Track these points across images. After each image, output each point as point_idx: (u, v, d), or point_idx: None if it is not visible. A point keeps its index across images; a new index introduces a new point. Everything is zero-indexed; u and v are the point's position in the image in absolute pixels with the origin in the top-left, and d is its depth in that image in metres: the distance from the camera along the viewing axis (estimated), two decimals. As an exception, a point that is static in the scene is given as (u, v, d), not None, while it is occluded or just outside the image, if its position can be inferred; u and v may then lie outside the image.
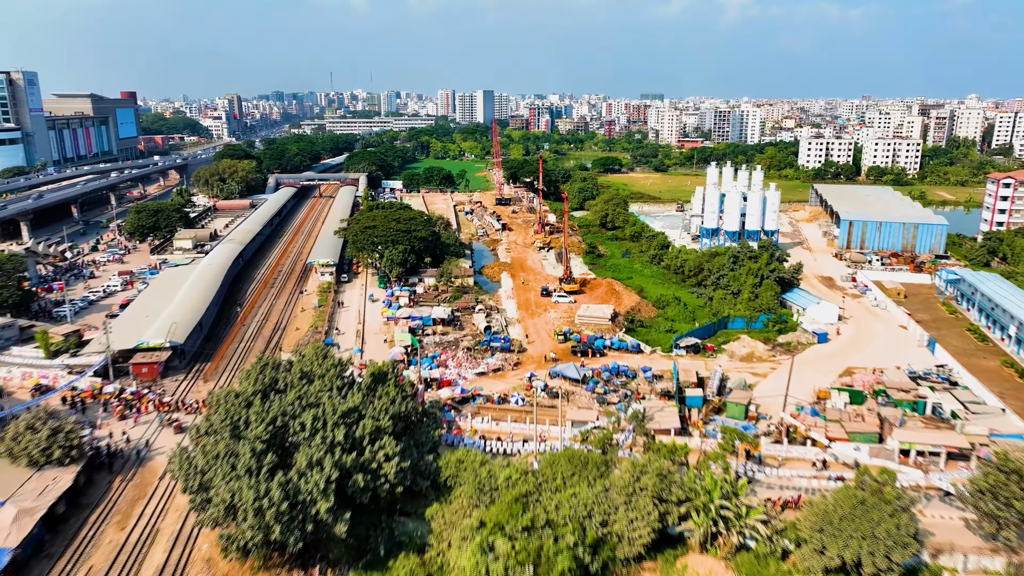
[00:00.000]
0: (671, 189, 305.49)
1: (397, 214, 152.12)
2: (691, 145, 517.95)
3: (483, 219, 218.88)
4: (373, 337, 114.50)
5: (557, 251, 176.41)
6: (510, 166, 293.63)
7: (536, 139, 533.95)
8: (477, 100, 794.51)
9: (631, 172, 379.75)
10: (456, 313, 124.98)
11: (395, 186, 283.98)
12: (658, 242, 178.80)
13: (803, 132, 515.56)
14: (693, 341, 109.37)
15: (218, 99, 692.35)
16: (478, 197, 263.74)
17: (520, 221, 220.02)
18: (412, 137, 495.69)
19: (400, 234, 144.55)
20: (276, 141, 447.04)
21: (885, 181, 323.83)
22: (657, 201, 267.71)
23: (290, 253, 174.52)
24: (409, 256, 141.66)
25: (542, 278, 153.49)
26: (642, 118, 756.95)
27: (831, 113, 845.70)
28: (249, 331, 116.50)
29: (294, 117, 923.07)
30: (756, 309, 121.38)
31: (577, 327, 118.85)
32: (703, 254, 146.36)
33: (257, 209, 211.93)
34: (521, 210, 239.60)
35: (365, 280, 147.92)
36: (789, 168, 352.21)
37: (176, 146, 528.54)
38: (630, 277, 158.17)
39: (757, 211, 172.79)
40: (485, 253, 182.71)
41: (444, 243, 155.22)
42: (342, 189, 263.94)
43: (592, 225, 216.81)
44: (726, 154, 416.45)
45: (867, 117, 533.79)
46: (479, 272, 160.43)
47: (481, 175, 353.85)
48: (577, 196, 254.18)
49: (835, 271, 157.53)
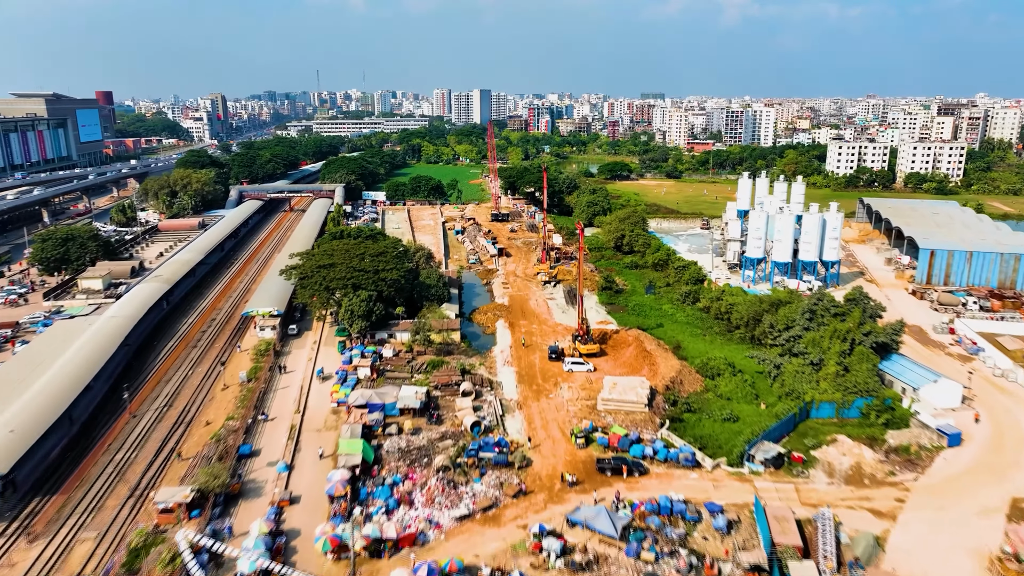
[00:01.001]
0: (689, 200, 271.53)
1: (363, 247, 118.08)
2: (702, 148, 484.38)
3: (476, 241, 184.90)
4: (313, 440, 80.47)
5: (567, 287, 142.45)
6: (508, 174, 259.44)
7: (536, 141, 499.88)
8: (474, 100, 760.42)
9: (641, 179, 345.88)
10: (435, 393, 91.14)
11: (377, 198, 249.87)
12: (691, 275, 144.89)
13: (821, 133, 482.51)
14: (774, 451, 75.50)
15: (200, 99, 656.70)
16: (471, 212, 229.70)
17: (520, 243, 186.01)
18: (403, 140, 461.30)
19: (365, 276, 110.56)
20: (254, 145, 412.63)
21: (927, 190, 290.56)
22: (677, 215, 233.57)
23: (234, 291, 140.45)
24: (375, 306, 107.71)
25: (549, 329, 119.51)
26: (646, 118, 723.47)
27: (841, 113, 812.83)
28: (137, 429, 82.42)
29: (285, 118, 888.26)
30: (848, 389, 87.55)
31: (601, 419, 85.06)
32: (760, 301, 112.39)
33: (206, 231, 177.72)
34: (521, 228, 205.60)
35: (320, 333, 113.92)
36: (816, 175, 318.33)
37: (150, 150, 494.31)
38: (660, 324, 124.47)
39: (814, 237, 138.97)
40: (477, 288, 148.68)
41: (423, 284, 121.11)
42: (315, 202, 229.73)
43: (605, 248, 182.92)
44: (743, 158, 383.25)
45: (890, 117, 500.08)
46: (469, 318, 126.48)
47: (476, 183, 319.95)
48: (586, 211, 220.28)
49: (921, 317, 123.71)
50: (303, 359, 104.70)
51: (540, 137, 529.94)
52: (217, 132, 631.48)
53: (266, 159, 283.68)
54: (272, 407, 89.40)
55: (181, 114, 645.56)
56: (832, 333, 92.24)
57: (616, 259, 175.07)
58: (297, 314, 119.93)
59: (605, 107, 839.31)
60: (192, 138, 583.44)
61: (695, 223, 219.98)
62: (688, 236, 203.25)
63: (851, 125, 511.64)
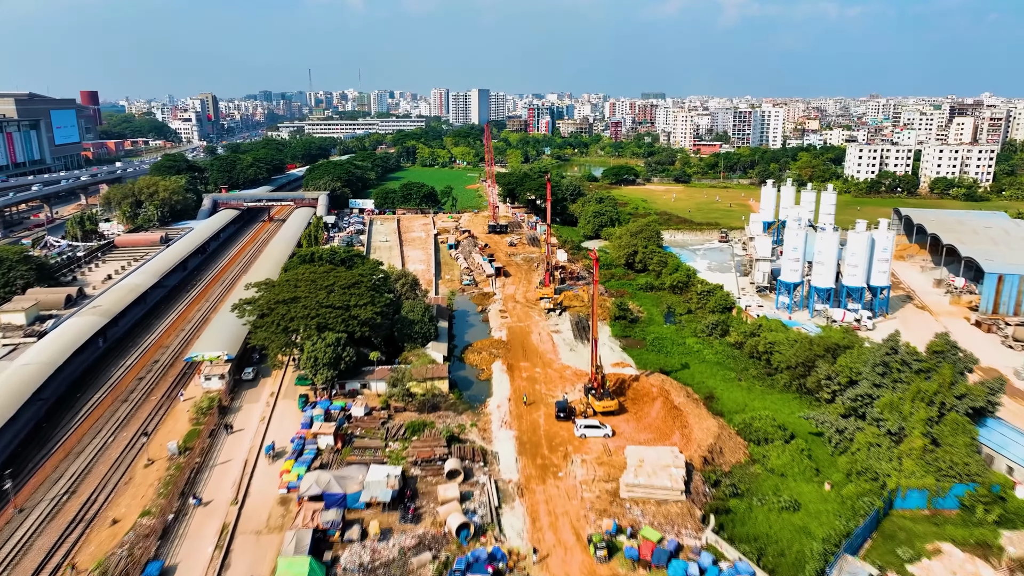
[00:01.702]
0: (701, 208, 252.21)
1: (334, 276, 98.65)
2: (708, 149, 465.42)
3: (471, 258, 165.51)
4: (249, 548, 61.23)
5: (575, 317, 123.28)
6: (507, 181, 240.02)
7: (536, 143, 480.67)
8: (472, 100, 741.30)
9: (648, 183, 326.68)
10: (413, 472, 71.95)
11: (365, 206, 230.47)
12: (717, 302, 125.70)
13: (833, 134, 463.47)
14: (863, 573, 56.27)
15: (189, 99, 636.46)
16: (467, 222, 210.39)
17: (520, 260, 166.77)
18: (397, 142, 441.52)
19: (333, 313, 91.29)
20: (240, 147, 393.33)
21: (955, 196, 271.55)
22: (691, 226, 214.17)
23: (189, 322, 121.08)
24: (345, 351, 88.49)
25: (555, 373, 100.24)
26: (649, 119, 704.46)
27: (848, 112, 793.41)
28: (21, 531, 63.11)
29: (280, 118, 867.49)
30: (943, 472, 68.32)
31: (626, 512, 65.86)
32: (810, 344, 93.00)
33: (168, 246, 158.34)
34: (521, 241, 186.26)
35: (280, 381, 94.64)
36: (835, 180, 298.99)
37: (135, 152, 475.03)
38: (685, 365, 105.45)
39: (862, 259, 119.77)
40: (471, 317, 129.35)
41: (405, 320, 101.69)
42: (296, 212, 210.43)
43: (615, 265, 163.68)
44: (754, 161, 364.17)
45: (905, 117, 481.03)
46: (460, 358, 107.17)
47: (473, 188, 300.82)
48: (592, 221, 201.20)
49: (994, 356, 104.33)
50: (255, 416, 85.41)
51: (540, 138, 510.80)
52: (207, 133, 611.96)
53: (247, 163, 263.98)
54: (207, 487, 70.33)
55: (170, 115, 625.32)
56: (915, 395, 72.94)
57: (628, 279, 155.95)
58: (255, 355, 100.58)
59: (606, 107, 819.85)
60: (180, 140, 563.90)
61: (712, 235, 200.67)
62: (706, 251, 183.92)
63: (863, 126, 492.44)
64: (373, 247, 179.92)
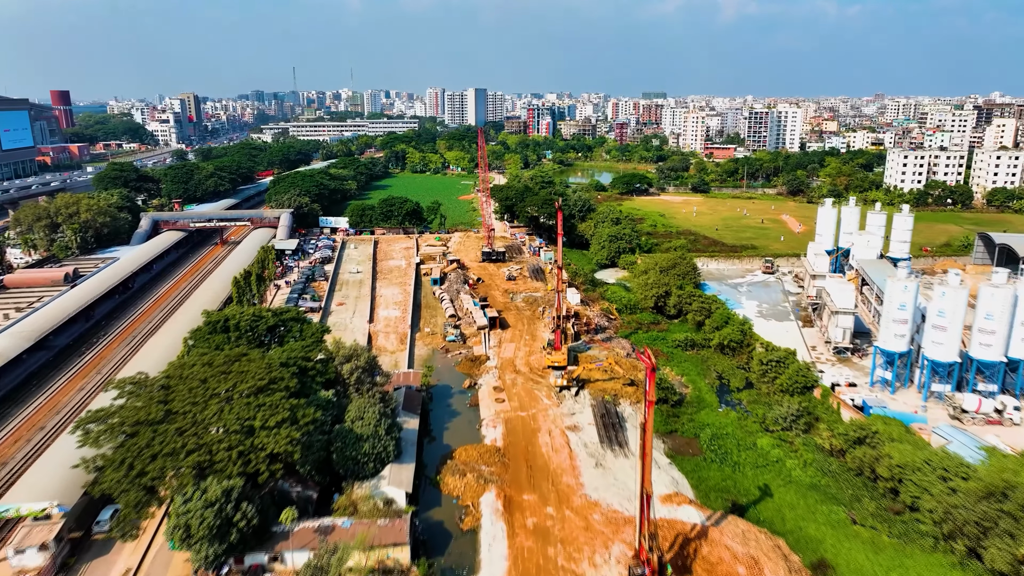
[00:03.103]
0: (729, 224, 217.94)
1: (239, 371, 63.94)
2: (722, 153, 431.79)
3: (459, 299, 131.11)
4: None
5: (597, 401, 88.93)
6: (505, 196, 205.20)
7: (536, 146, 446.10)
8: (468, 100, 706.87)
9: (663, 193, 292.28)
10: None
11: (339, 224, 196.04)
12: (792, 378, 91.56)
13: (856, 137, 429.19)
14: None
15: (168, 99, 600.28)
16: (457, 247, 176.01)
17: (521, 301, 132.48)
18: (386, 145, 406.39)
19: (226, 443, 56.77)
20: (213, 152, 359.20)
21: (1017, 209, 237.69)
22: (723, 251, 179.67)
23: (64, 405, 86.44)
24: (243, 508, 54.15)
25: (577, 516, 65.87)
26: (654, 119, 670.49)
27: (858, 112, 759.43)
28: None
29: (270, 119, 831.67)
30: None
31: None
32: (988, 492, 58.67)
33: (71, 289, 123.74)
34: (522, 274, 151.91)
35: (146, 548, 60.19)
36: (875, 190, 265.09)
37: (103, 156, 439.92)
38: (765, 490, 71.64)
39: (1001, 324, 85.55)
40: (455, 397, 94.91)
41: (349, 435, 66.93)
42: (253, 235, 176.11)
43: (641, 307, 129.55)
44: (777, 168, 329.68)
45: (935, 119, 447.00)
46: (435, 482, 72.81)
47: (467, 199, 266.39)
48: (607, 247, 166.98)
49: None
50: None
51: (541, 141, 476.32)
52: (188, 135, 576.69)
53: (207, 173, 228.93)
54: None
55: (148, 115, 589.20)
56: None
57: (659, 328, 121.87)
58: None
59: (609, 107, 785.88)
60: (157, 142, 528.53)
61: (752, 264, 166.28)
62: (749, 286, 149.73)
63: (887, 127, 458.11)
64: (339, 282, 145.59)
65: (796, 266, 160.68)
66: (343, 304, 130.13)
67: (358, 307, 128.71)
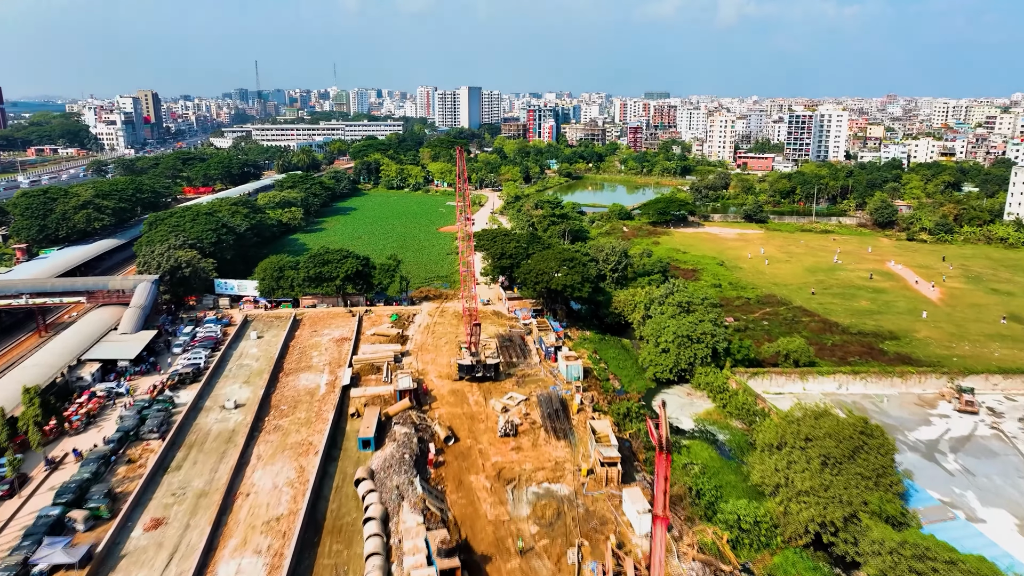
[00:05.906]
0: (822, 281, 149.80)
1: None
2: (757, 164, 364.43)
3: (399, 516, 62.53)
4: None
5: None
6: (501, 251, 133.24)
7: (539, 154, 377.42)
8: (461, 99, 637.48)
9: (706, 223, 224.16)
10: None
11: (245, 291, 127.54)
12: None
13: (919, 145, 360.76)
14: None
15: (118, 97, 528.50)
16: (420, 338, 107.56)
17: (529, 515, 64.12)
18: (357, 154, 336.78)
19: None
20: (136, 164, 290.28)
21: None
22: (850, 345, 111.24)
23: None
24: None
25: None
26: (667, 121, 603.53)
27: (884, 114, 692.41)
28: None
29: (250, 119, 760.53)
30: None
31: None
32: None
33: None
34: (530, 420, 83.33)
35: None
36: (995, 224, 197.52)
37: (30, 163, 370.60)
38: None
39: None
40: None
41: None
42: (89, 316, 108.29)
43: (762, 523, 61.48)
44: (846, 188, 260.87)
45: (1003, 125, 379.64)
46: None
47: (448, 231, 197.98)
48: (673, 352, 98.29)
49: None
50: None
51: (544, 148, 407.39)
52: (142, 138, 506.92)
53: (76, 204, 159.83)
54: None
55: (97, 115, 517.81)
56: None
57: None
58: None
59: (615, 108, 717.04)
60: (102, 147, 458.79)
61: (924, 385, 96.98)
62: (947, 443, 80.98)
63: (954, 134, 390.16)
64: (187, 443, 77.22)
65: (1004, 388, 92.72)
66: (157, 527, 61.78)
67: (184, 542, 60.32)
